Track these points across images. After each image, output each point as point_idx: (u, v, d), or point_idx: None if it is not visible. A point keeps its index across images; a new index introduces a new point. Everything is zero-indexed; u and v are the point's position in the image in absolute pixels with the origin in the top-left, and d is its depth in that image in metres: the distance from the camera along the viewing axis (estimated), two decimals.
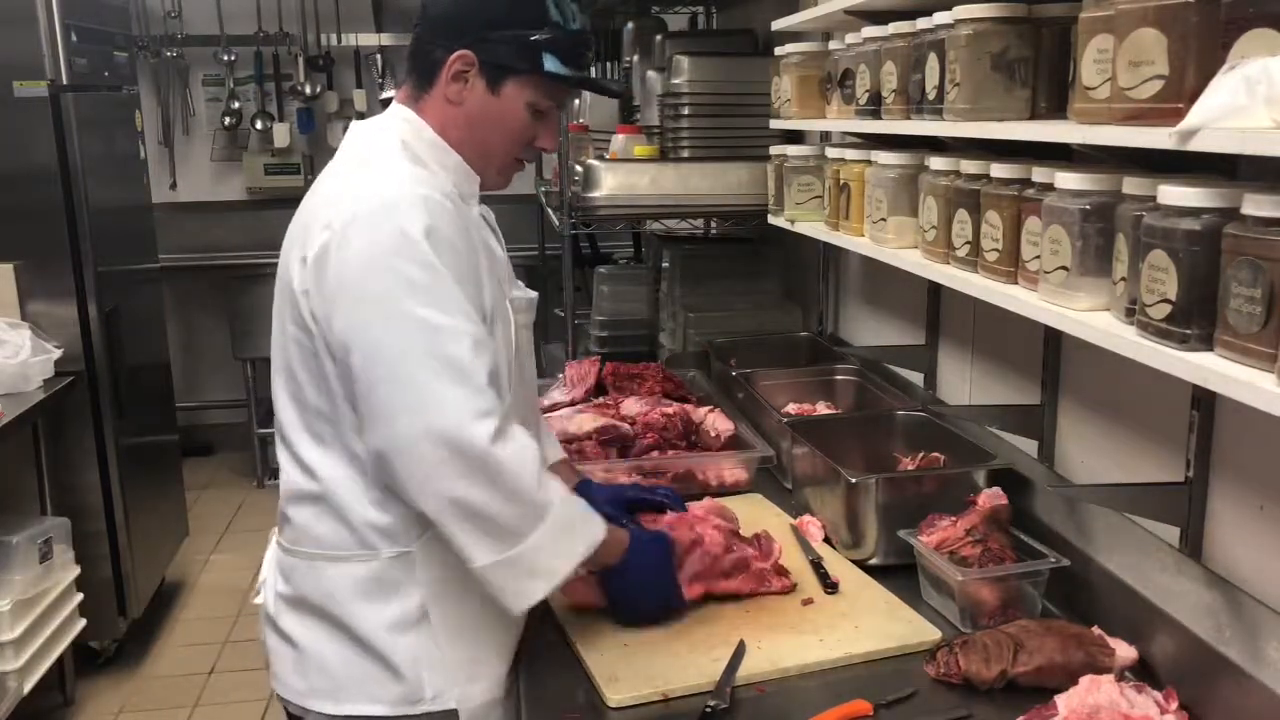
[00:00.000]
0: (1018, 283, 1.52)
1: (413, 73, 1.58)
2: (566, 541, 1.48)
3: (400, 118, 1.57)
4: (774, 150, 2.55)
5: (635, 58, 3.56)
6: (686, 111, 2.94)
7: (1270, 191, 1.05)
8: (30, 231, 3.41)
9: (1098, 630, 1.54)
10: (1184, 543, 1.51)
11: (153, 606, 3.94)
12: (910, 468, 2.09)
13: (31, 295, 3.43)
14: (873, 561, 1.87)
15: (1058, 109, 1.52)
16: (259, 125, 5.67)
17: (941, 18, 1.63)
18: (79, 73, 3.50)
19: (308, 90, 5.64)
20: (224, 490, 5.36)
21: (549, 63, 1.52)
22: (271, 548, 1.68)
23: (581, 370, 2.67)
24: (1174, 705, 1.38)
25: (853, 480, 1.87)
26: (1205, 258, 1.12)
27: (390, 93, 1.74)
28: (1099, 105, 1.24)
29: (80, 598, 3.40)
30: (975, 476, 1.88)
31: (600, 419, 2.28)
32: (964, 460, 1.99)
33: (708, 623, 1.66)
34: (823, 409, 2.56)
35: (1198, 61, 1.09)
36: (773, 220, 2.61)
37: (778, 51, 2.48)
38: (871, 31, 1.96)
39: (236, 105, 5.65)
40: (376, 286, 1.39)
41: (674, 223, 3.41)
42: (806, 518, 2.02)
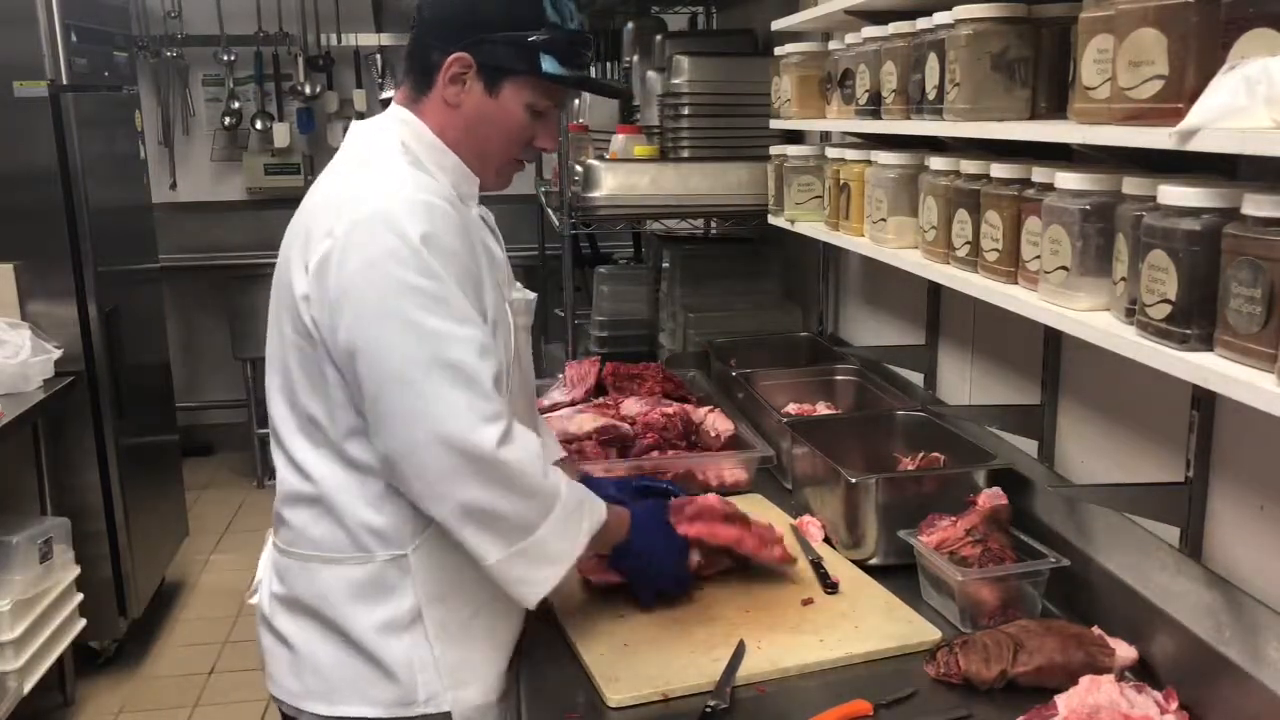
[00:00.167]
0: (1018, 283, 1.52)
1: (410, 74, 1.57)
2: (573, 527, 1.50)
3: (399, 119, 1.56)
4: (774, 150, 2.55)
5: (635, 58, 3.56)
6: (686, 111, 2.94)
7: (1270, 191, 1.05)
8: (30, 231, 3.41)
9: (1098, 630, 1.54)
10: (1184, 543, 1.51)
11: (153, 606, 3.94)
12: (910, 468, 2.09)
13: (31, 295, 3.43)
14: (873, 561, 1.87)
15: (1058, 109, 1.52)
16: (259, 125, 5.67)
17: (941, 18, 1.63)
18: (79, 73, 3.50)
19: (308, 90, 5.64)
20: (224, 490, 5.36)
21: (547, 64, 1.51)
22: (267, 549, 1.68)
23: (581, 370, 2.67)
24: (1174, 705, 1.38)
25: (853, 480, 1.87)
26: (1205, 258, 1.11)
27: (390, 93, 1.74)
28: (1099, 105, 1.24)
29: (80, 598, 3.40)
30: (975, 476, 1.88)
31: (600, 419, 2.28)
32: (964, 460, 1.99)
33: (708, 623, 1.66)
34: (823, 409, 2.56)
35: (1198, 61, 1.09)
36: (773, 220, 2.61)
37: (778, 51, 2.48)
38: (871, 31, 1.96)
39: (236, 105, 5.65)
40: (379, 294, 1.39)
41: (674, 223, 3.41)
42: (806, 518, 2.02)
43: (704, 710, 1.43)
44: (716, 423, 2.32)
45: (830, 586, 1.77)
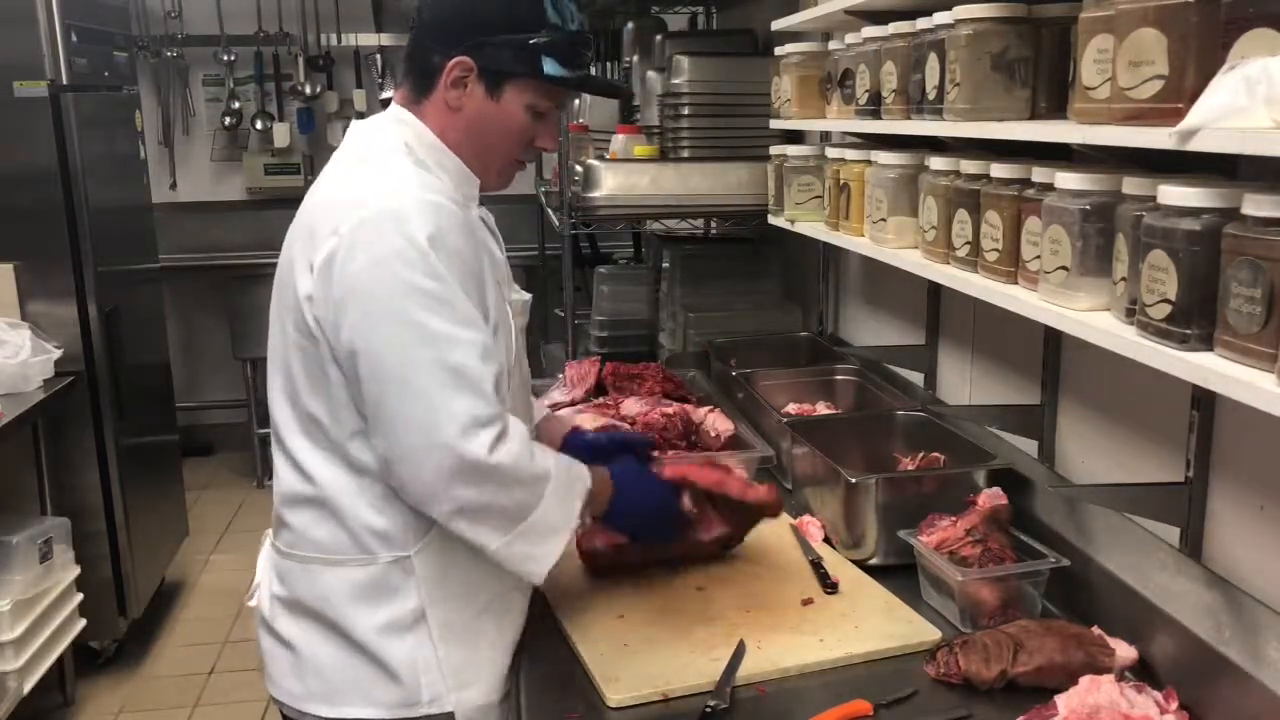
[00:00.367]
0: (1018, 283, 1.52)
1: (410, 76, 1.57)
2: (567, 499, 1.53)
3: (399, 120, 1.56)
4: (774, 150, 2.55)
5: (635, 58, 3.56)
6: (686, 111, 2.94)
7: (1270, 191, 1.05)
8: (30, 231, 3.41)
9: (1098, 630, 1.54)
10: (1184, 543, 1.51)
11: (153, 606, 3.94)
12: (910, 468, 2.09)
13: (31, 295, 3.43)
14: (873, 561, 1.87)
15: (1058, 109, 1.52)
16: (259, 125, 5.67)
17: (941, 18, 1.63)
18: (79, 73, 3.50)
19: (308, 90, 5.64)
20: (224, 490, 5.36)
21: (548, 66, 1.51)
22: (265, 550, 1.67)
23: (581, 370, 2.67)
24: (1174, 705, 1.38)
25: (853, 480, 1.87)
26: (1205, 258, 1.12)
27: (390, 93, 1.74)
28: (1099, 105, 1.24)
29: (80, 598, 3.40)
30: (975, 476, 1.88)
31: (600, 419, 2.28)
32: (964, 460, 1.99)
33: (708, 623, 1.66)
34: (823, 409, 2.56)
35: (1198, 61, 1.09)
36: (773, 220, 2.61)
37: (778, 51, 2.48)
38: (871, 31, 1.96)
39: (236, 105, 5.65)
40: (384, 295, 1.39)
41: (674, 223, 3.41)
42: (806, 518, 2.02)
43: (704, 710, 1.43)
44: (716, 423, 2.32)
45: (830, 586, 1.77)
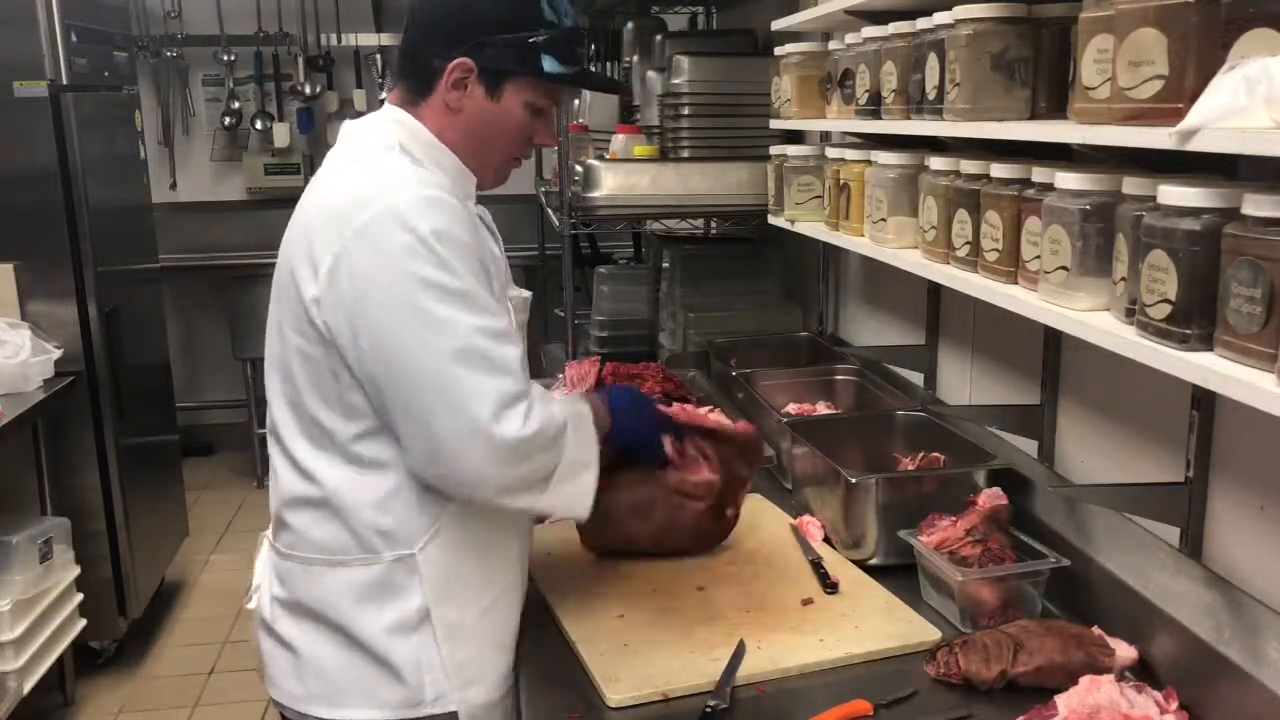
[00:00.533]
0: (1018, 283, 1.52)
1: (405, 78, 1.56)
2: (584, 432, 1.57)
3: (394, 119, 1.55)
4: (774, 150, 2.55)
5: (635, 58, 3.56)
6: (686, 111, 2.94)
7: (1270, 191, 1.05)
8: (30, 231, 3.41)
9: (1098, 630, 1.54)
10: (1184, 543, 1.51)
11: (153, 606, 3.94)
12: (910, 468, 2.09)
13: (31, 295, 3.43)
14: (873, 561, 1.86)
15: (1058, 109, 1.52)
16: (259, 125, 5.67)
17: (941, 18, 1.63)
18: (79, 73, 3.50)
19: (308, 90, 5.64)
20: (224, 490, 5.36)
21: (548, 63, 1.51)
22: (264, 552, 1.66)
23: (581, 370, 2.67)
24: (1174, 705, 1.38)
25: (853, 480, 1.87)
26: (1205, 258, 1.11)
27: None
28: (1099, 105, 1.24)
29: (80, 598, 3.40)
30: (975, 476, 1.88)
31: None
32: (964, 460, 1.99)
33: (708, 623, 1.66)
34: (823, 409, 2.56)
35: (1198, 61, 1.09)
36: (773, 220, 2.61)
37: (778, 51, 2.48)
38: (871, 31, 1.96)
39: (236, 105, 5.65)
40: (399, 293, 1.39)
41: (674, 223, 3.41)
42: (806, 518, 2.02)
43: (704, 710, 1.43)
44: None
45: (830, 586, 1.77)
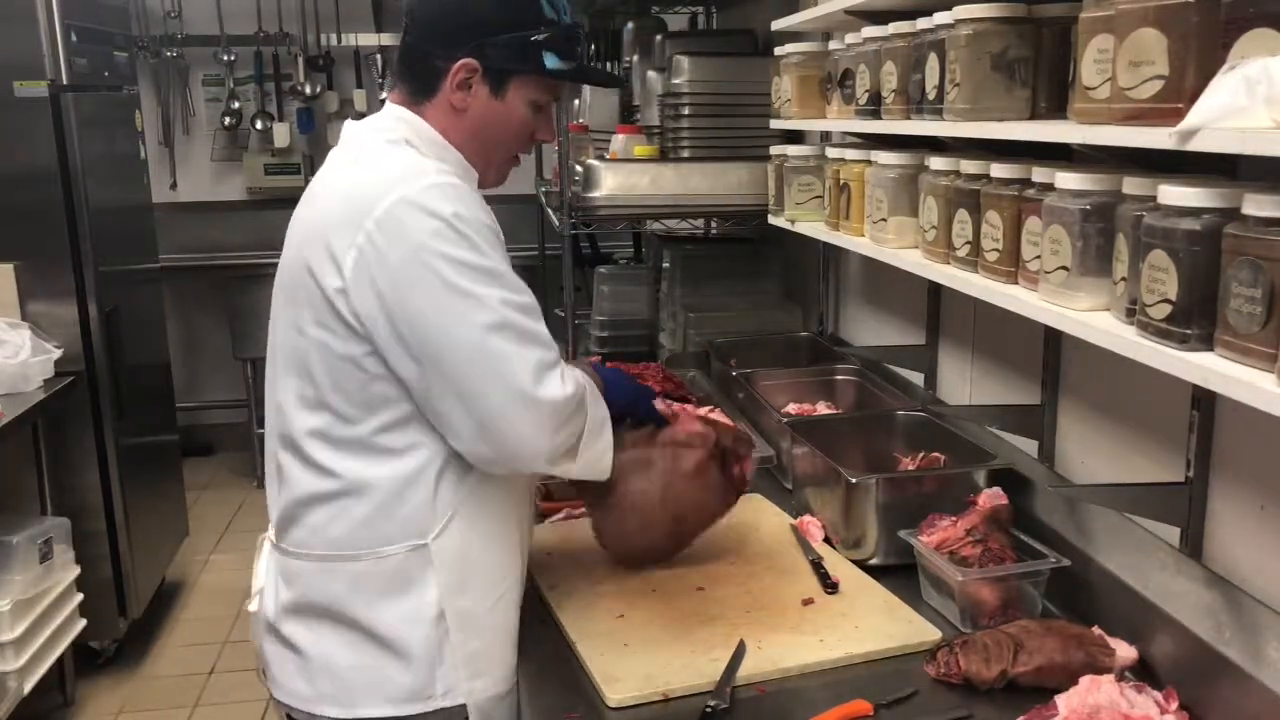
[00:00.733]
0: (1018, 283, 1.52)
1: (407, 79, 1.57)
2: (595, 394, 1.62)
3: (397, 117, 1.56)
4: (774, 150, 2.55)
5: (635, 58, 3.56)
6: (686, 111, 2.94)
7: (1270, 191, 1.05)
8: (30, 231, 3.41)
9: (1098, 630, 1.54)
10: (1184, 543, 1.51)
11: (153, 606, 3.94)
12: (910, 468, 2.09)
13: (31, 295, 3.43)
14: (873, 561, 1.87)
15: (1058, 109, 1.52)
16: (259, 125, 5.67)
17: (941, 18, 1.63)
18: (79, 73, 3.49)
19: (308, 90, 5.64)
20: (224, 490, 5.36)
21: (549, 60, 1.53)
22: (265, 554, 1.65)
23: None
24: (1174, 705, 1.38)
25: (853, 480, 1.87)
26: (1205, 258, 1.11)
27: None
28: (1099, 105, 1.24)
29: (80, 598, 3.40)
30: (975, 476, 1.88)
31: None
32: (964, 460, 1.99)
33: (708, 623, 1.66)
34: (823, 409, 2.56)
35: (1198, 61, 1.09)
36: (773, 220, 2.61)
37: (778, 51, 2.48)
38: (871, 31, 1.96)
39: (236, 105, 5.65)
40: (433, 277, 1.41)
41: (674, 223, 3.41)
42: (806, 518, 2.02)
43: (704, 710, 1.43)
44: None
45: (830, 586, 1.77)
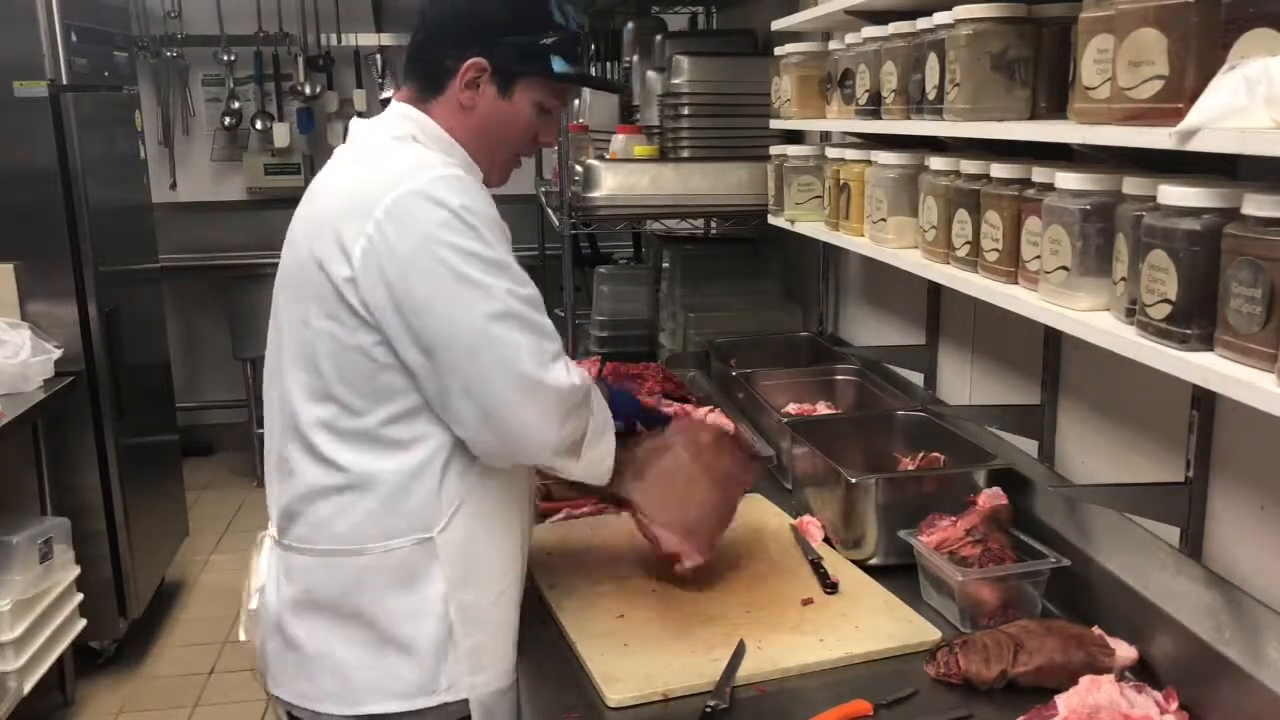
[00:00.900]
0: (1018, 283, 1.52)
1: (415, 78, 1.59)
2: (599, 397, 1.63)
3: (403, 115, 1.58)
4: (774, 150, 2.55)
5: (635, 58, 3.56)
6: (686, 111, 2.94)
7: (1270, 191, 1.05)
8: (30, 231, 3.41)
9: (1098, 630, 1.54)
10: (1184, 543, 1.51)
11: (153, 606, 3.94)
12: (910, 468, 2.09)
13: (31, 295, 3.43)
14: (873, 561, 1.86)
15: (1058, 109, 1.52)
16: (259, 125, 5.67)
17: (941, 18, 1.63)
18: (79, 73, 3.49)
19: (308, 90, 5.64)
20: (224, 490, 5.36)
21: (557, 64, 1.56)
22: (266, 551, 1.65)
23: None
24: (1174, 705, 1.38)
25: (853, 480, 1.87)
26: (1205, 258, 1.11)
27: (390, 93, 1.76)
28: (1099, 105, 1.24)
29: (80, 598, 3.40)
30: (975, 476, 1.88)
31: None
32: (964, 460, 1.99)
33: (708, 623, 1.66)
34: (823, 409, 2.56)
35: (1198, 61, 1.09)
36: (773, 220, 2.61)
37: (778, 51, 2.48)
38: (871, 31, 1.96)
39: (236, 105, 5.65)
40: (437, 263, 1.43)
41: (674, 223, 3.41)
42: (806, 518, 2.02)
43: (704, 710, 1.43)
44: (717, 423, 2.32)
45: (830, 586, 1.77)
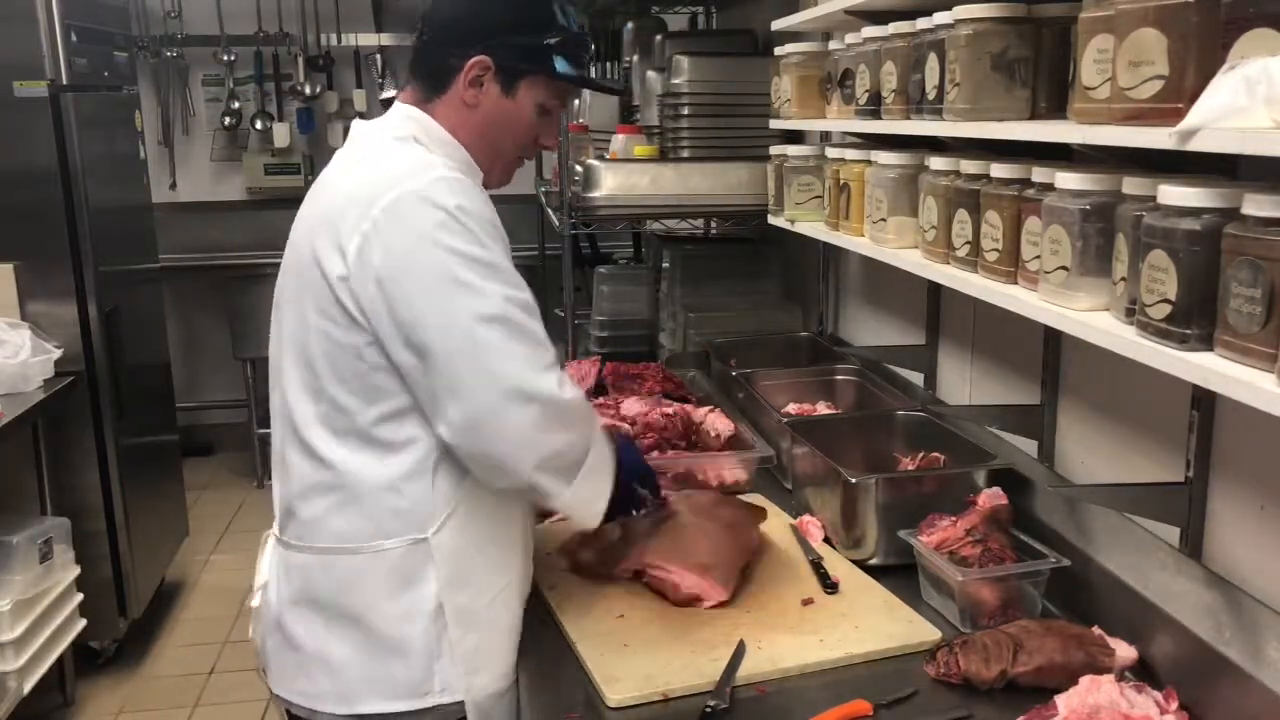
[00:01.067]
0: (1018, 283, 1.52)
1: (420, 77, 1.61)
2: (607, 441, 1.63)
3: (406, 115, 1.59)
4: (774, 150, 2.55)
5: (635, 58, 3.56)
6: (686, 111, 2.94)
7: (1270, 191, 1.05)
8: (30, 231, 3.40)
9: (1098, 630, 1.54)
10: (1184, 543, 1.51)
11: (153, 606, 3.94)
12: (910, 468, 2.09)
13: (31, 295, 3.42)
14: (873, 561, 1.87)
15: (1058, 109, 1.52)
16: (259, 125, 5.67)
17: (941, 18, 1.63)
18: (79, 73, 3.49)
19: (308, 90, 5.63)
20: (224, 490, 5.36)
21: (559, 65, 1.58)
22: (269, 549, 1.66)
23: (581, 370, 2.67)
24: (1174, 705, 1.38)
25: (853, 480, 1.87)
26: (1205, 258, 1.12)
27: (390, 93, 1.77)
28: (1099, 105, 1.24)
29: (80, 598, 3.40)
30: (975, 476, 1.88)
31: (600, 419, 2.28)
32: (964, 460, 1.99)
33: (708, 623, 1.66)
34: (823, 409, 2.56)
35: (1198, 61, 1.09)
36: (773, 220, 2.61)
37: (778, 51, 2.48)
38: (871, 31, 1.96)
39: (236, 105, 5.65)
40: (433, 267, 1.43)
41: (674, 223, 3.41)
42: (806, 518, 2.02)
43: (704, 710, 1.43)
44: (716, 423, 2.32)
45: (830, 586, 1.77)
